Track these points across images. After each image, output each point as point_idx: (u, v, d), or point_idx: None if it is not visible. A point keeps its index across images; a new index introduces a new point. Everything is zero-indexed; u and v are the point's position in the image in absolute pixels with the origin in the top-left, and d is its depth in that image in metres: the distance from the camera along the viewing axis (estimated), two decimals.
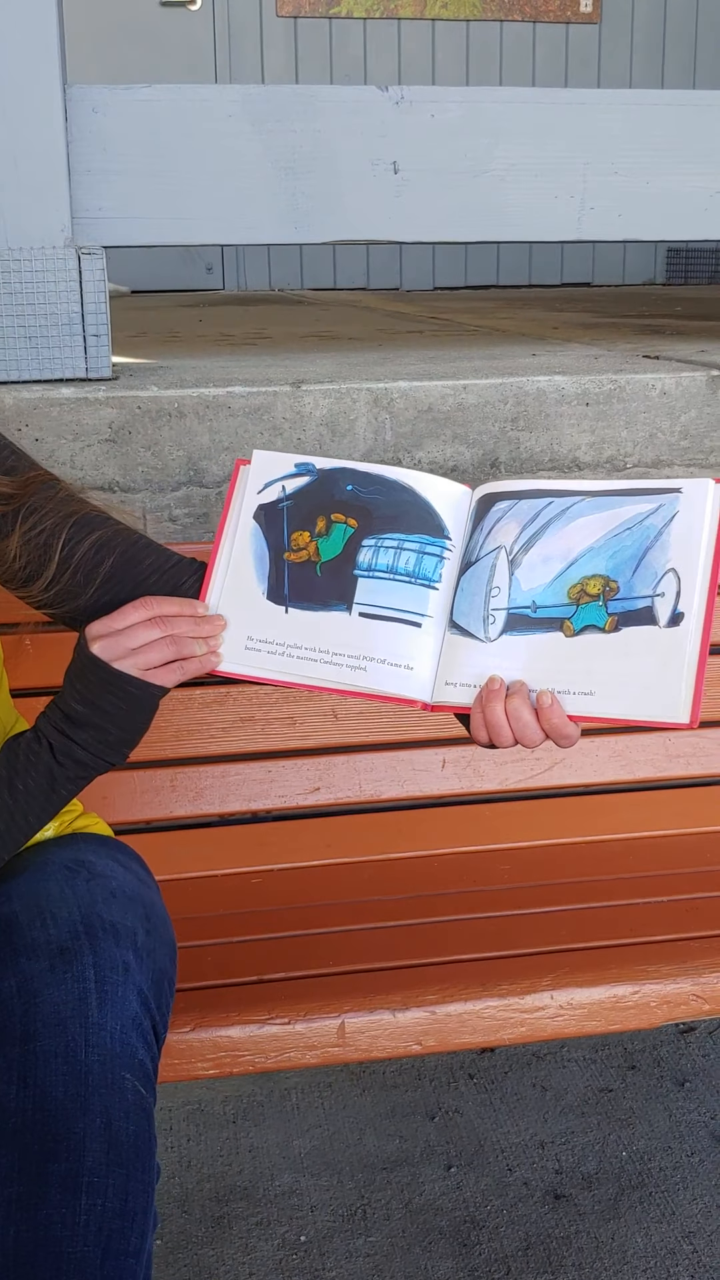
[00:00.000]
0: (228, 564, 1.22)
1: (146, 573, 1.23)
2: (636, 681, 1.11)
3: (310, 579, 1.20)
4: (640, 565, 1.13)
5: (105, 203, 1.87)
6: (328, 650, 1.19)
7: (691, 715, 1.09)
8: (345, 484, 1.21)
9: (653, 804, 1.86)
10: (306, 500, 1.22)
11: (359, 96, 1.93)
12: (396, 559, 1.18)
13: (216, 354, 2.39)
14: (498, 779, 1.81)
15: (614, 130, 2.02)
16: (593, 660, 1.13)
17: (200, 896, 1.66)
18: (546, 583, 1.16)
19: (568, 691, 1.13)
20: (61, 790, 1.17)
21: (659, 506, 1.14)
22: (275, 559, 1.21)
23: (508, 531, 1.18)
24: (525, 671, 1.15)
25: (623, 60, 6.40)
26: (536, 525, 1.17)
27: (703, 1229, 1.72)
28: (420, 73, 6.17)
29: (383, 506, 1.20)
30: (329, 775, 1.77)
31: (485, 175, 1.98)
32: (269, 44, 6.04)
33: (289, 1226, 1.74)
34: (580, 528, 1.16)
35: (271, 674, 1.20)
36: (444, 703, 1.17)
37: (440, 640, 1.18)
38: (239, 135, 1.89)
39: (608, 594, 1.13)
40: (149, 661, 1.14)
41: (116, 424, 1.76)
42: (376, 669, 1.18)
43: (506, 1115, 1.96)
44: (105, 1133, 1.07)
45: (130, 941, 1.14)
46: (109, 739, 1.16)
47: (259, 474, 1.24)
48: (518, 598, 1.16)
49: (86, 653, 1.14)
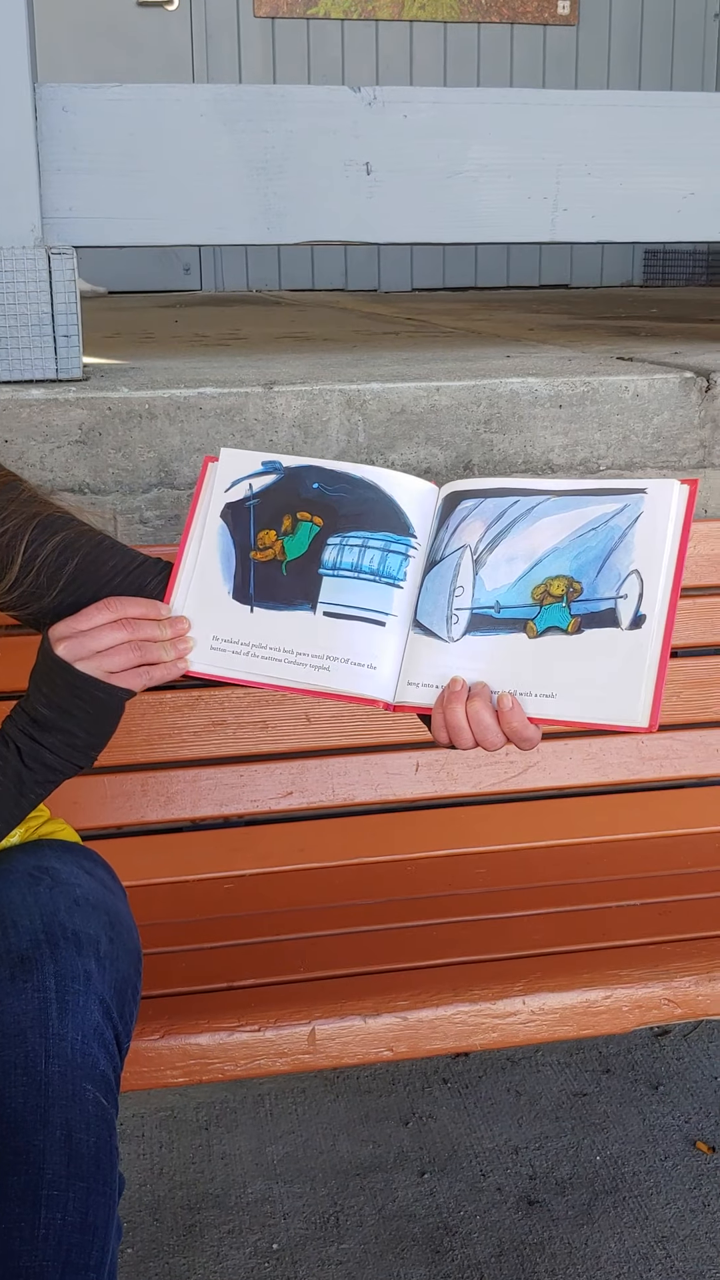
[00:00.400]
0: (194, 563, 1.21)
1: (110, 574, 1.22)
2: (597, 684, 1.10)
3: (276, 578, 1.19)
4: (604, 566, 1.12)
5: (76, 202, 1.85)
6: (292, 650, 1.18)
7: (650, 719, 1.09)
8: (312, 482, 1.21)
9: (625, 806, 1.85)
10: (273, 499, 1.21)
11: (331, 97, 1.92)
12: (361, 557, 1.18)
13: (189, 355, 2.37)
14: (471, 782, 1.80)
15: (587, 131, 2.01)
16: (554, 662, 1.12)
17: (171, 902, 1.64)
18: (510, 583, 1.15)
19: (529, 693, 1.12)
20: (30, 794, 1.16)
21: (624, 507, 1.13)
22: (241, 558, 1.21)
23: (473, 530, 1.17)
24: (487, 672, 1.14)
25: (600, 63, 6.41)
26: (501, 524, 1.16)
27: (676, 1233, 1.72)
28: (398, 74, 6.17)
29: (348, 504, 1.19)
30: (302, 779, 1.76)
31: (458, 176, 1.97)
32: (246, 45, 6.03)
33: (261, 1234, 1.73)
34: (545, 527, 1.15)
35: (237, 674, 1.19)
36: (406, 703, 1.16)
37: (404, 639, 1.17)
38: (211, 135, 1.88)
39: (571, 595, 1.13)
40: (114, 665, 1.13)
41: (87, 425, 1.74)
42: (340, 668, 1.17)
43: (480, 1120, 1.95)
44: (65, 1145, 1.06)
45: (93, 950, 1.12)
46: (76, 743, 1.15)
47: (226, 472, 1.23)
48: (481, 597, 1.15)
49: (51, 655, 1.13)
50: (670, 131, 2.06)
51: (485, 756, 1.81)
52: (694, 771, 1.87)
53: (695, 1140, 1.90)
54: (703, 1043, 2.13)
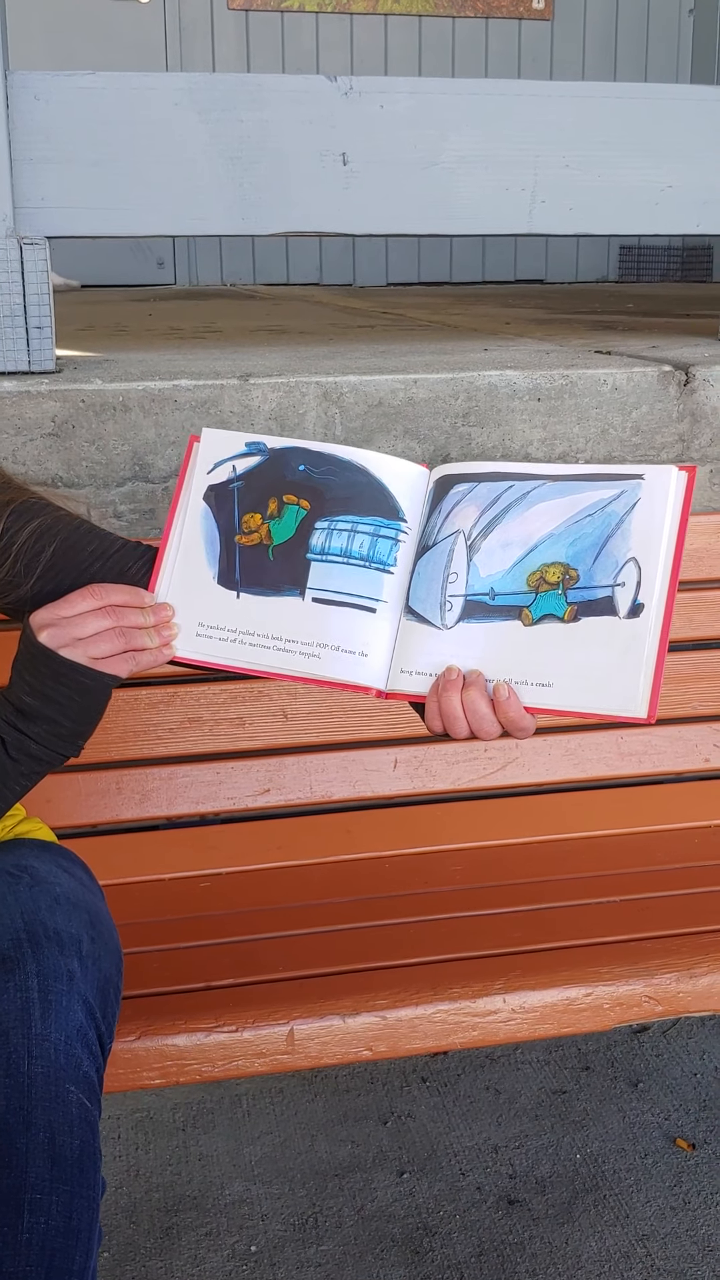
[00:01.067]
0: (178, 547, 1.19)
1: (90, 559, 1.20)
2: (594, 674, 1.09)
3: (262, 563, 1.17)
4: (601, 553, 1.10)
5: (48, 192, 1.83)
6: (280, 637, 1.15)
7: (650, 710, 1.07)
8: (297, 464, 1.18)
9: (605, 803, 1.84)
10: (258, 481, 1.18)
11: (307, 86, 1.90)
12: (350, 542, 1.15)
13: (164, 347, 2.35)
14: (450, 779, 1.79)
15: (564, 123, 2.00)
16: (551, 650, 1.10)
17: (147, 901, 1.62)
18: (505, 569, 1.13)
19: (525, 682, 1.11)
20: (15, 785, 1.15)
21: (621, 493, 1.11)
22: (226, 542, 1.18)
23: (466, 515, 1.15)
24: (482, 661, 1.12)
25: (575, 57, 6.41)
26: (496, 509, 1.14)
27: (656, 1232, 1.71)
28: (373, 67, 6.15)
29: (336, 488, 1.16)
30: (279, 776, 1.74)
31: (435, 167, 1.96)
32: (220, 37, 6.00)
33: (239, 1236, 1.71)
34: (541, 513, 1.13)
35: (224, 661, 1.17)
36: (398, 691, 1.15)
37: (395, 626, 1.15)
38: (185, 124, 1.86)
39: (567, 582, 1.11)
40: (99, 651, 1.11)
41: (60, 418, 1.72)
42: (330, 656, 1.15)
43: (460, 1119, 1.94)
44: (49, 1148, 1.04)
45: (75, 949, 1.11)
46: (62, 731, 1.13)
47: (208, 453, 1.20)
48: (476, 584, 1.13)
49: (34, 642, 1.11)
50: (648, 124, 2.05)
51: (463, 753, 1.79)
52: (672, 767, 1.86)
53: (675, 1137, 1.89)
54: (682, 1039, 2.12)
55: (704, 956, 1.44)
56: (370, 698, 1.16)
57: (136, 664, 1.14)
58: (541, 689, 1.10)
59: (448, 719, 1.11)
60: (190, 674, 1.70)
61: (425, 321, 3.21)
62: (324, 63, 6.10)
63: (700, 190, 2.09)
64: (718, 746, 1.87)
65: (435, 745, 1.78)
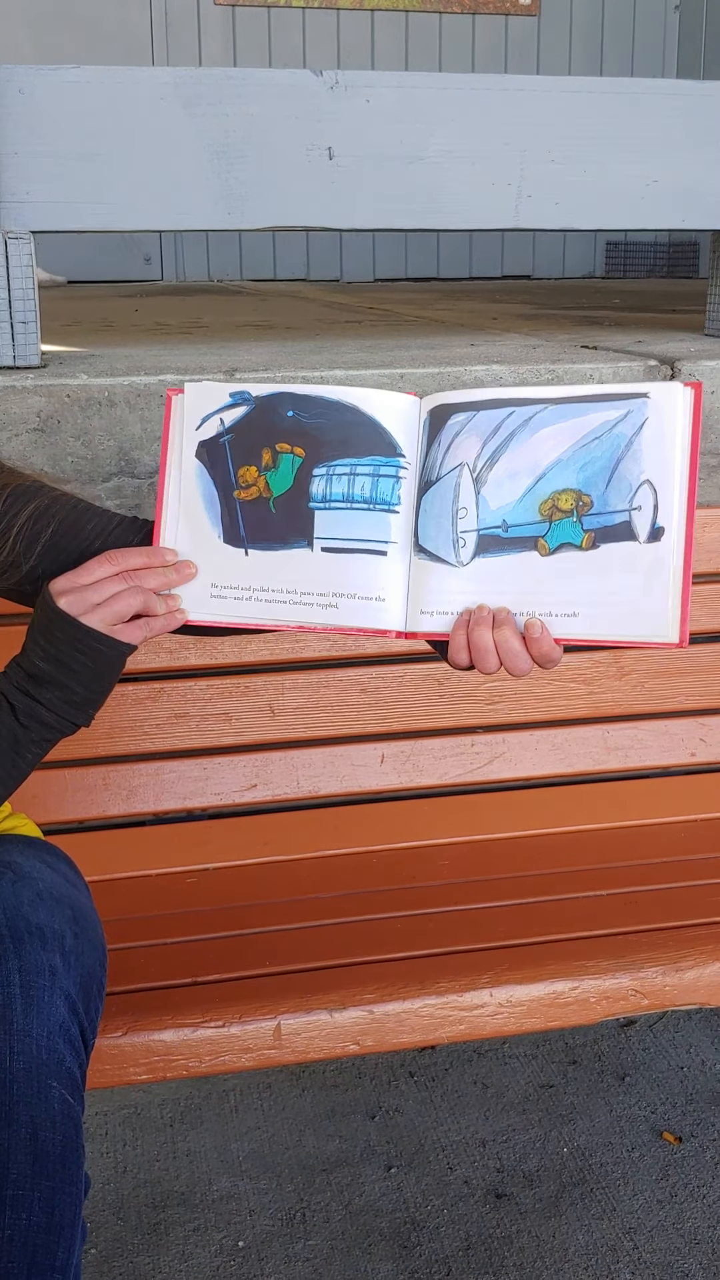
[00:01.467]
0: (177, 509, 1.17)
1: (90, 537, 1.19)
2: (620, 601, 1.07)
3: (265, 517, 1.15)
4: (613, 477, 1.08)
5: (33, 186, 1.82)
6: (295, 590, 1.14)
7: (681, 633, 1.06)
8: (286, 410, 1.15)
9: (591, 797, 1.85)
10: (248, 432, 1.16)
11: (293, 80, 1.89)
12: (351, 486, 1.13)
13: (150, 343, 2.34)
14: (437, 774, 1.79)
15: (551, 118, 2.00)
16: (572, 580, 1.09)
17: (134, 897, 1.62)
18: (515, 500, 1.11)
19: (550, 614, 1.09)
20: (26, 754, 1.14)
21: (627, 413, 1.09)
22: (225, 499, 1.16)
23: (468, 447, 1.12)
24: (503, 595, 1.10)
25: (561, 53, 6.40)
26: (499, 438, 1.11)
27: (643, 1225, 1.71)
28: (359, 63, 6.13)
29: (329, 431, 1.14)
30: (266, 772, 1.74)
31: (422, 162, 1.95)
32: (206, 31, 5.98)
33: (227, 1232, 1.71)
34: (546, 439, 1.10)
35: (241, 619, 1.15)
36: (419, 631, 1.13)
37: (407, 565, 1.13)
38: (171, 118, 1.85)
39: (581, 509, 1.09)
40: (118, 615, 1.11)
41: (45, 413, 1.71)
42: (348, 604, 1.13)
43: (447, 1113, 1.94)
44: (31, 1144, 1.04)
45: (57, 945, 1.10)
46: (74, 698, 1.13)
47: (193, 409, 1.17)
48: (487, 518, 1.11)
49: (53, 607, 1.11)
50: (633, 119, 2.05)
51: (451, 748, 1.80)
52: (658, 762, 1.87)
53: (662, 1131, 1.89)
54: (669, 1033, 2.13)
55: (690, 950, 1.44)
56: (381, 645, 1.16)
57: (150, 630, 1.14)
58: (567, 619, 1.09)
59: (478, 654, 1.10)
60: (176, 668, 1.70)
61: (412, 317, 3.20)
62: (310, 57, 6.08)
63: (685, 185, 2.09)
64: (703, 741, 1.87)
65: (422, 740, 1.79)
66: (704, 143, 2.07)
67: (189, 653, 1.69)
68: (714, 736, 1.87)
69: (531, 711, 1.82)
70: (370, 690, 1.76)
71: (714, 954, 1.44)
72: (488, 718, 1.81)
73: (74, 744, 1.66)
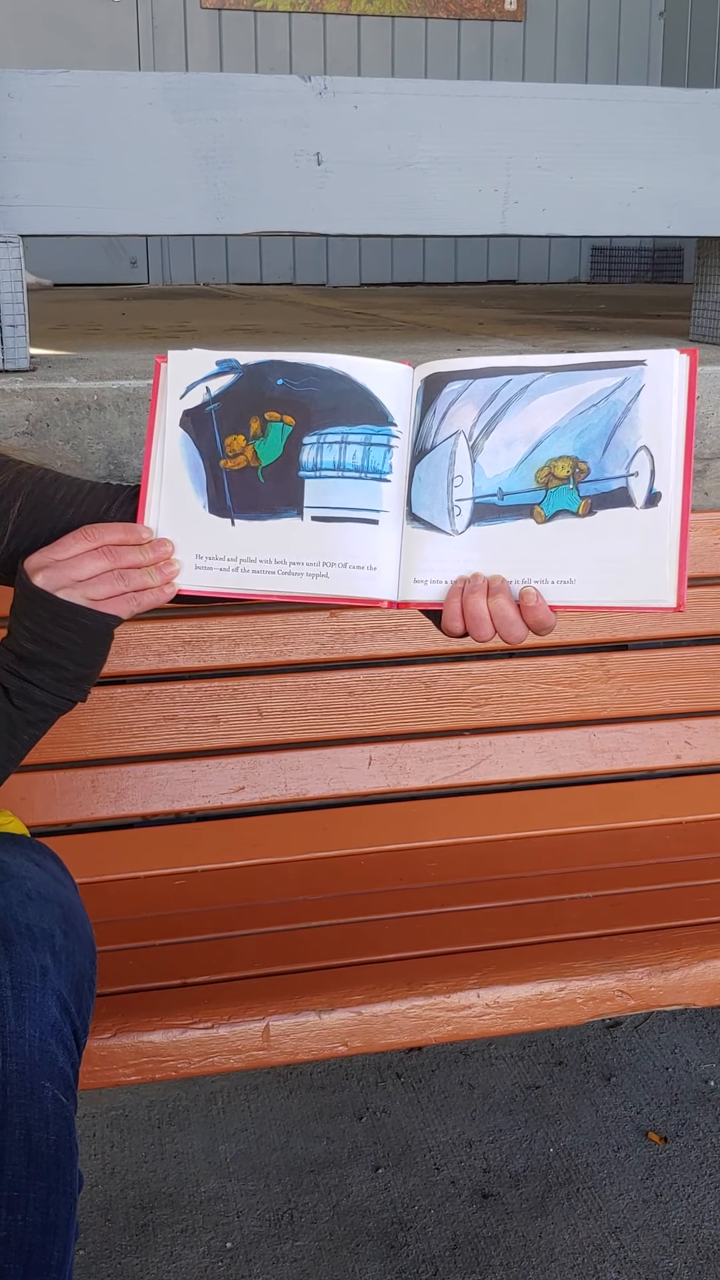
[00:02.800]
0: (161, 478, 1.15)
1: (61, 508, 1.18)
2: (617, 566, 1.08)
3: (253, 486, 1.13)
4: (610, 444, 1.08)
5: (21, 190, 1.83)
6: (284, 560, 1.13)
7: (678, 598, 1.07)
8: (275, 378, 1.14)
9: (578, 799, 1.86)
10: (235, 401, 1.14)
11: (280, 86, 1.90)
12: (342, 454, 1.12)
13: (139, 346, 2.35)
14: (424, 776, 1.80)
15: (537, 125, 2.01)
16: (569, 547, 1.09)
17: (122, 899, 1.63)
18: (512, 467, 1.10)
19: (546, 580, 1.10)
20: (23, 735, 1.13)
21: (624, 380, 1.09)
22: (211, 468, 1.14)
23: (464, 415, 1.12)
24: (499, 563, 1.10)
25: (547, 58, 6.43)
26: (495, 406, 1.11)
27: (629, 1224, 1.72)
28: (346, 68, 6.15)
29: (319, 399, 1.13)
30: (254, 774, 1.74)
31: (409, 168, 1.96)
32: (193, 36, 5.99)
33: (214, 1233, 1.71)
34: (542, 406, 1.10)
35: (228, 590, 1.14)
36: (411, 600, 1.13)
37: (399, 534, 1.13)
38: (158, 123, 1.86)
39: (578, 476, 1.09)
40: (97, 593, 1.09)
41: (34, 416, 1.72)
42: (339, 574, 1.12)
43: (434, 1114, 1.95)
44: (25, 1144, 1.04)
45: (48, 944, 1.10)
46: (67, 675, 1.11)
47: (178, 377, 1.15)
48: (482, 485, 1.11)
49: (30, 586, 1.09)
50: (619, 126, 2.07)
51: (438, 750, 1.80)
52: (645, 764, 1.88)
53: (647, 1131, 1.91)
54: (654, 1033, 2.14)
55: (676, 951, 1.45)
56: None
57: (139, 605, 1.12)
58: (564, 586, 1.09)
59: (472, 622, 1.10)
60: (165, 670, 1.70)
61: (399, 321, 3.22)
62: (297, 63, 6.10)
63: (671, 192, 2.11)
64: (689, 744, 1.88)
65: (409, 743, 1.79)
66: (690, 150, 2.08)
67: (177, 655, 1.70)
68: (699, 739, 1.89)
69: (518, 714, 1.83)
70: (358, 693, 1.77)
71: (700, 955, 1.45)
72: (475, 720, 1.82)
73: (63, 746, 1.67)
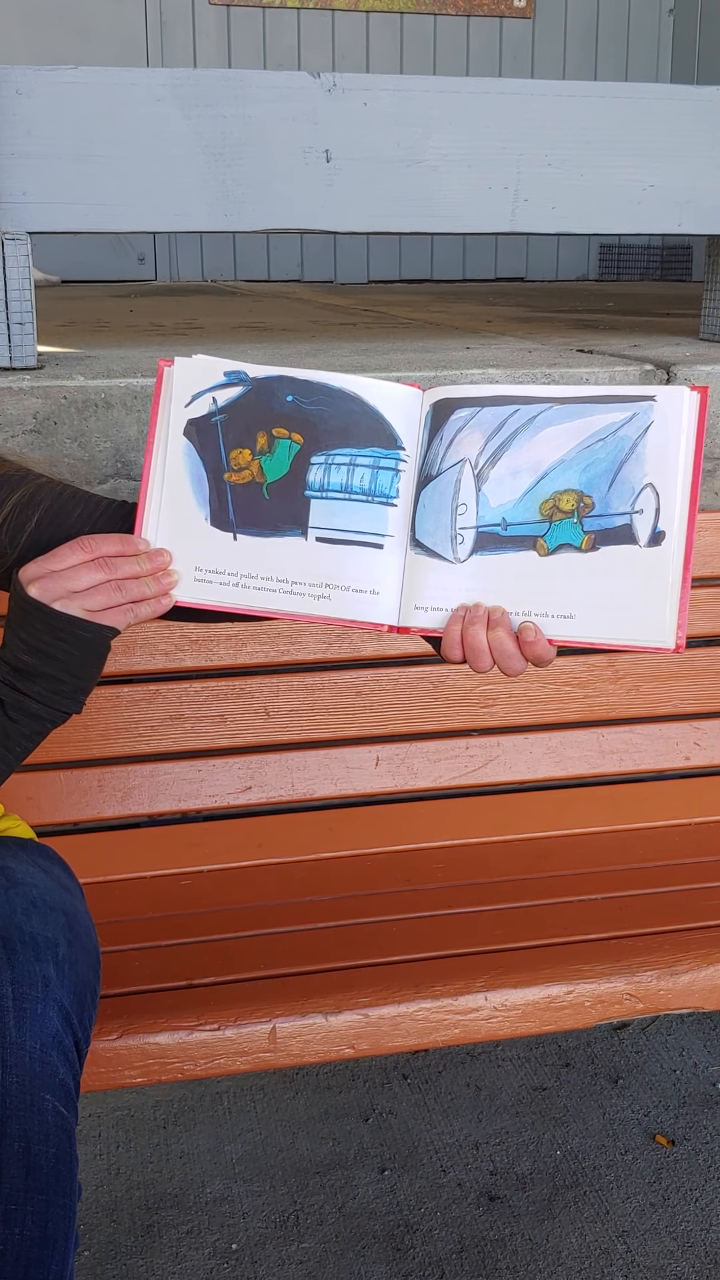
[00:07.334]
0: (161, 488, 1.13)
1: (78, 523, 1.17)
2: (617, 604, 1.07)
3: (257, 502, 1.12)
4: (616, 480, 1.08)
5: (30, 187, 1.82)
6: (286, 579, 1.12)
7: (678, 639, 1.06)
8: (285, 394, 1.13)
9: (586, 801, 1.85)
10: (243, 414, 1.13)
11: (290, 82, 1.89)
12: (350, 477, 1.12)
13: (146, 344, 2.34)
14: (431, 777, 1.79)
15: (547, 122, 2.00)
16: (570, 581, 1.09)
17: (128, 899, 1.62)
18: (516, 498, 1.10)
19: (546, 614, 1.09)
20: (15, 748, 1.12)
21: (633, 416, 1.08)
22: (215, 480, 1.13)
23: (471, 443, 1.11)
24: (499, 593, 1.10)
25: (556, 55, 6.41)
26: (502, 436, 1.11)
27: (636, 1228, 1.71)
28: (354, 65, 6.13)
29: (329, 419, 1.12)
30: (260, 774, 1.74)
31: (418, 165, 1.95)
32: (201, 33, 5.98)
33: (220, 1234, 1.71)
34: (549, 438, 1.10)
35: (227, 605, 1.13)
36: (412, 626, 1.13)
37: (403, 559, 1.13)
38: (167, 120, 1.85)
39: (582, 510, 1.08)
40: (94, 605, 1.08)
41: (42, 414, 1.71)
42: (341, 596, 1.12)
43: (440, 1116, 1.94)
44: (24, 1158, 1.03)
45: (51, 954, 1.09)
46: (63, 688, 1.10)
47: (184, 385, 1.13)
48: (486, 515, 1.11)
49: (25, 598, 1.08)
50: (630, 123, 2.05)
51: (445, 751, 1.80)
52: (653, 765, 1.87)
53: (654, 1134, 1.90)
54: (661, 1036, 2.13)
55: (684, 954, 1.44)
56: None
57: (136, 616, 1.11)
58: (563, 620, 1.09)
59: (472, 653, 1.10)
60: (172, 670, 1.70)
61: (407, 319, 3.21)
62: (305, 59, 6.08)
63: (681, 190, 2.10)
64: (698, 745, 1.87)
65: (417, 743, 1.79)
66: (701, 147, 2.07)
67: (184, 655, 1.69)
68: (708, 740, 1.88)
69: (526, 715, 1.82)
70: (365, 693, 1.76)
71: (709, 957, 1.44)
72: (483, 721, 1.81)
73: (69, 745, 1.66)
